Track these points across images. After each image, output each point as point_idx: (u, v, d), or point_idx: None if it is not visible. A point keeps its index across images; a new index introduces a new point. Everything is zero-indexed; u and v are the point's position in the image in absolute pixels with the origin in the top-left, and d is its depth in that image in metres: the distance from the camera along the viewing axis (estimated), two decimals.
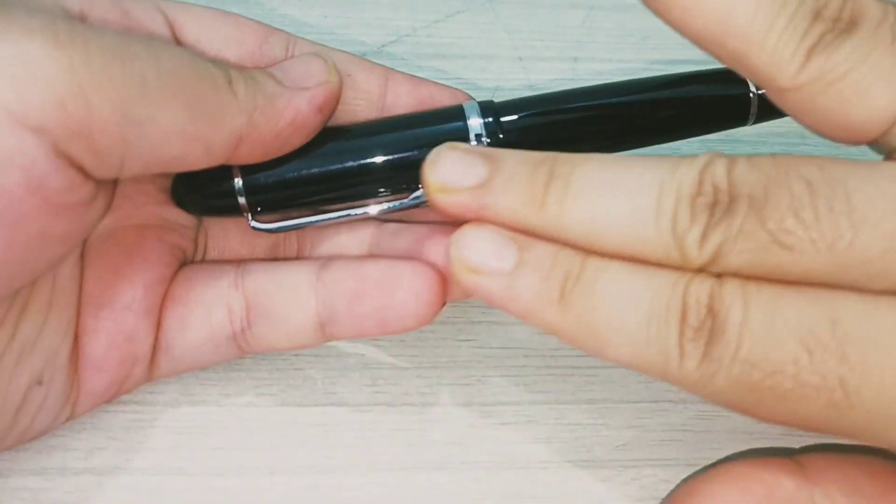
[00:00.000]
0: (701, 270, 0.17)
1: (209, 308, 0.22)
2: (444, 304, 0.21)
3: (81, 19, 0.19)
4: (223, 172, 0.21)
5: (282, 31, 0.22)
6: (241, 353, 0.22)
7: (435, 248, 0.22)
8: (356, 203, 0.22)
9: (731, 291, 0.17)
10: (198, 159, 0.19)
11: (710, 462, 0.22)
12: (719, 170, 0.17)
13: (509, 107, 0.21)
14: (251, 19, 0.22)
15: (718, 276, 0.17)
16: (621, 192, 0.17)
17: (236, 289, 0.22)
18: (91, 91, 0.16)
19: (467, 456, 0.22)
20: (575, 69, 0.26)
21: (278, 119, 0.20)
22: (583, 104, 0.21)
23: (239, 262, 0.23)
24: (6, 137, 0.16)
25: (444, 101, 0.22)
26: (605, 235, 0.17)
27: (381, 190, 0.21)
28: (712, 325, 0.17)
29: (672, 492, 0.20)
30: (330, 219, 0.22)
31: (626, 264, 0.18)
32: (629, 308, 0.17)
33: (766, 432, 0.23)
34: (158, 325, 0.22)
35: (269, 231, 0.22)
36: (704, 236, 0.16)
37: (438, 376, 0.24)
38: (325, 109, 0.21)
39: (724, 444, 0.22)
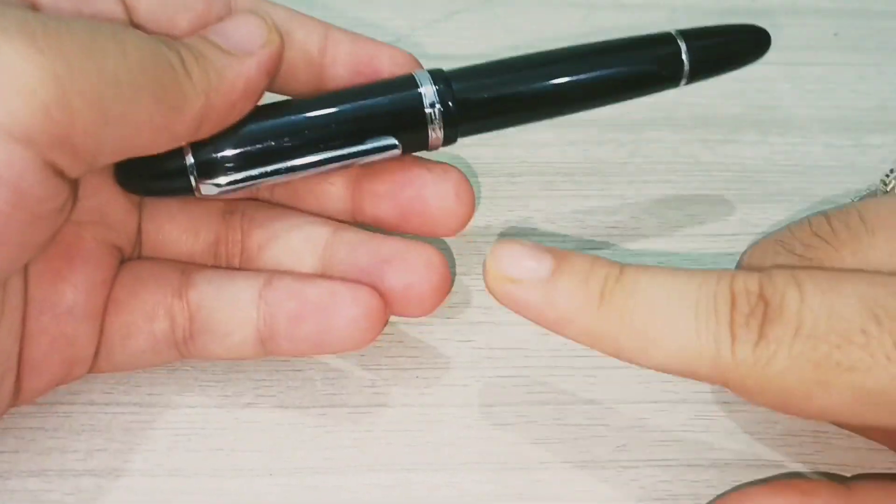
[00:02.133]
0: None
1: (152, 317, 0.22)
2: (382, 327, 0.22)
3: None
4: (171, 151, 0.20)
5: None
6: (181, 358, 0.23)
7: (396, 276, 0.22)
8: (303, 165, 0.21)
9: (783, 279, 0.17)
10: (164, 145, 0.20)
11: (709, 463, 0.22)
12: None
13: (459, 74, 0.22)
14: None
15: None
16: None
17: (180, 298, 0.22)
18: (72, 95, 0.16)
19: (467, 457, 0.22)
20: None
21: (232, 92, 0.20)
22: (530, 70, 0.22)
23: (183, 265, 0.23)
24: None
25: (383, 60, 0.22)
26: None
27: (329, 156, 0.21)
28: (766, 311, 0.17)
29: (727, 492, 0.21)
30: (275, 172, 0.21)
31: (664, 268, 0.18)
32: (673, 301, 0.17)
33: (768, 432, 0.23)
34: (101, 329, 0.22)
35: (218, 195, 0.21)
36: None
37: (438, 377, 0.24)
38: (271, 71, 0.21)
39: (724, 444, 0.22)
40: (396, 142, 0.22)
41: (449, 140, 0.22)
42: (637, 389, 0.24)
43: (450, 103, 0.21)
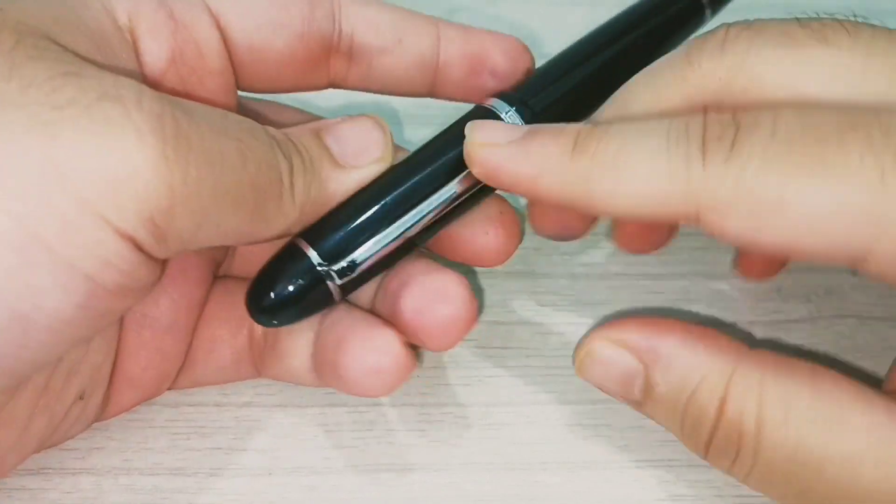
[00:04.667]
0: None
1: (236, 331, 0.22)
2: (408, 375, 0.20)
3: (130, 27, 0.19)
4: (308, 281, 0.20)
5: None
6: (257, 376, 0.23)
7: (409, 301, 0.20)
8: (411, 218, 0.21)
9: (757, 110, 0.17)
10: (244, 245, 0.21)
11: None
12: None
13: (531, 89, 0.22)
14: None
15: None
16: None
17: None
18: (179, 208, 0.16)
19: (467, 457, 0.22)
20: None
21: (327, 205, 0.20)
22: (583, 56, 0.23)
23: None
24: (97, 242, 0.16)
25: (497, 58, 0.22)
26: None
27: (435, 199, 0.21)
28: (738, 130, 0.17)
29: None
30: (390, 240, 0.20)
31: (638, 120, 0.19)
32: (645, 135, 0.17)
33: None
34: (189, 344, 0.22)
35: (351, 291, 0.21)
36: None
37: (438, 376, 0.24)
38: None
39: None
40: None
41: None
42: None
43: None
